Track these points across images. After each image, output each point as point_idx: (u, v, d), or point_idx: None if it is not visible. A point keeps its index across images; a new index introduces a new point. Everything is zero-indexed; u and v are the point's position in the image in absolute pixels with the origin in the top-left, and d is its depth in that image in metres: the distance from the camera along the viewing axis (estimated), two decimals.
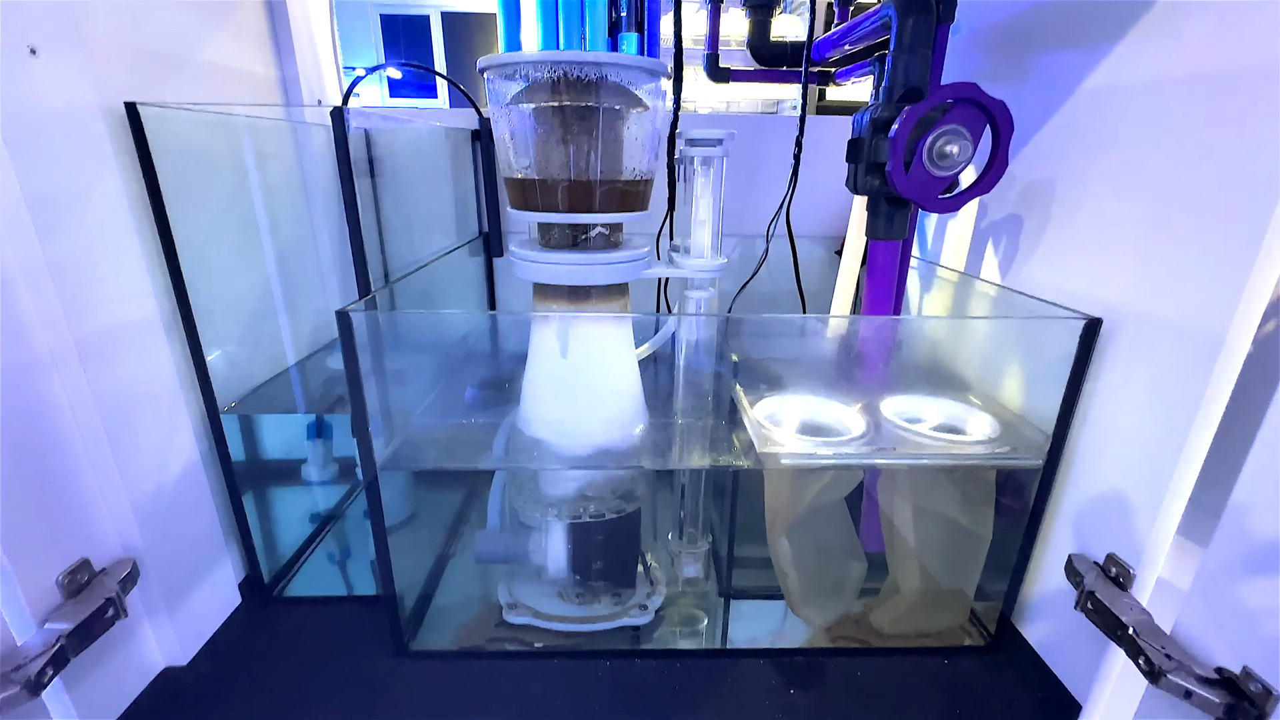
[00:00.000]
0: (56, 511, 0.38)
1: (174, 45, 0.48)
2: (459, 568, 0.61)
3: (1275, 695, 0.31)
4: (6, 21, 0.33)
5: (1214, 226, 0.35)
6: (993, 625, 0.51)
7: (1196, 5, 0.37)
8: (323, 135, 0.69)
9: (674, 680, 0.48)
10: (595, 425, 0.49)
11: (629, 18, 0.55)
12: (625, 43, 0.55)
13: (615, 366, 0.49)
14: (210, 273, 0.49)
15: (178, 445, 0.47)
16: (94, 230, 0.39)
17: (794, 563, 0.52)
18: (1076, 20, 0.47)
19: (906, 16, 0.46)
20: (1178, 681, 0.34)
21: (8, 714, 0.32)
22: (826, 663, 0.50)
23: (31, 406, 0.36)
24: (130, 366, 0.42)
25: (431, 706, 0.45)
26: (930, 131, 0.42)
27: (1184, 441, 0.36)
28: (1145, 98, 0.40)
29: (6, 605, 0.34)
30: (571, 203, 0.44)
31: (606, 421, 0.49)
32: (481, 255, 0.82)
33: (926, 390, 0.54)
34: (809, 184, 0.68)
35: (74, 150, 0.38)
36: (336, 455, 0.73)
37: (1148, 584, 0.40)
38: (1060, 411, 0.44)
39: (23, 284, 0.35)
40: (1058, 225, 0.48)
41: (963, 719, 0.45)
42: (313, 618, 0.54)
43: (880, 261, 0.52)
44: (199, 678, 0.47)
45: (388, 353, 0.47)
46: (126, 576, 0.41)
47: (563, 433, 0.49)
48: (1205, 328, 0.35)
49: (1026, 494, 0.47)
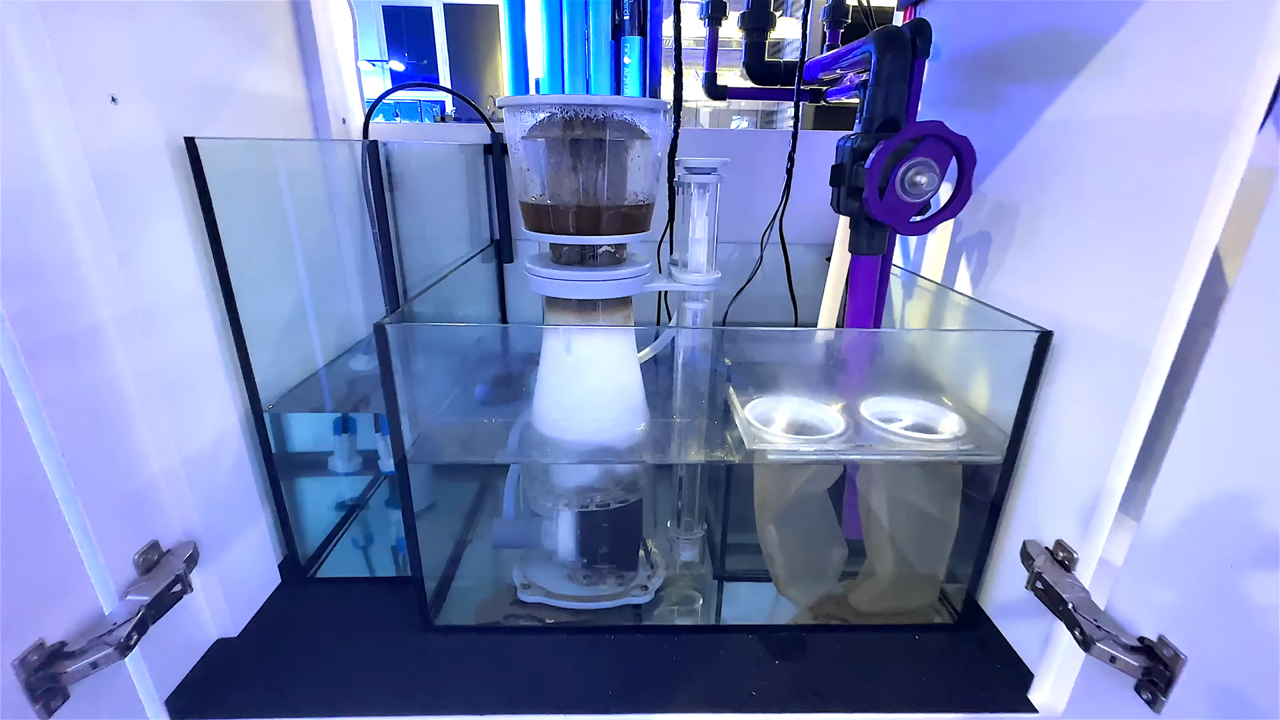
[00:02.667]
0: (131, 499, 0.43)
1: (220, 77, 0.53)
2: (476, 552, 0.67)
3: (1183, 659, 0.36)
4: (93, 76, 0.38)
5: (1145, 253, 0.40)
6: (959, 604, 0.57)
7: (1134, 53, 0.41)
8: (345, 150, 0.74)
9: (672, 653, 0.54)
10: (601, 423, 0.54)
11: (632, 21, 0.59)
12: (629, 46, 0.59)
13: (619, 371, 0.54)
14: (253, 285, 0.54)
15: (228, 441, 0.52)
16: (162, 251, 0.44)
17: (780, 548, 0.58)
18: (1038, 57, 0.51)
19: (884, 54, 0.50)
20: (1105, 649, 0.39)
21: (103, 669, 0.38)
22: (809, 638, 0.55)
23: (110, 406, 0.42)
24: (191, 370, 0.47)
25: (455, 675, 0.51)
26: (902, 163, 0.47)
27: (1118, 442, 0.42)
28: (1094, 133, 0.45)
29: (96, 579, 0.40)
30: (580, 226, 0.49)
31: (611, 420, 0.55)
32: (493, 261, 0.87)
33: (903, 392, 0.59)
34: (802, 195, 0.73)
35: (145, 181, 0.43)
36: (360, 449, 0.79)
37: (1089, 566, 0.45)
38: (1017, 413, 0.49)
39: (104, 303, 0.41)
40: (1020, 244, 0.53)
41: (931, 689, 0.51)
42: (344, 596, 0.59)
43: (861, 274, 0.57)
44: (248, 647, 0.53)
45: (413, 357, 0.52)
46: (189, 557, 0.47)
47: (572, 430, 0.54)
48: (1136, 342, 0.40)
49: (989, 487, 0.52)
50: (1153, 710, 0.38)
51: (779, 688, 0.50)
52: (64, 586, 0.38)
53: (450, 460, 0.59)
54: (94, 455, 0.40)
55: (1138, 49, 0.41)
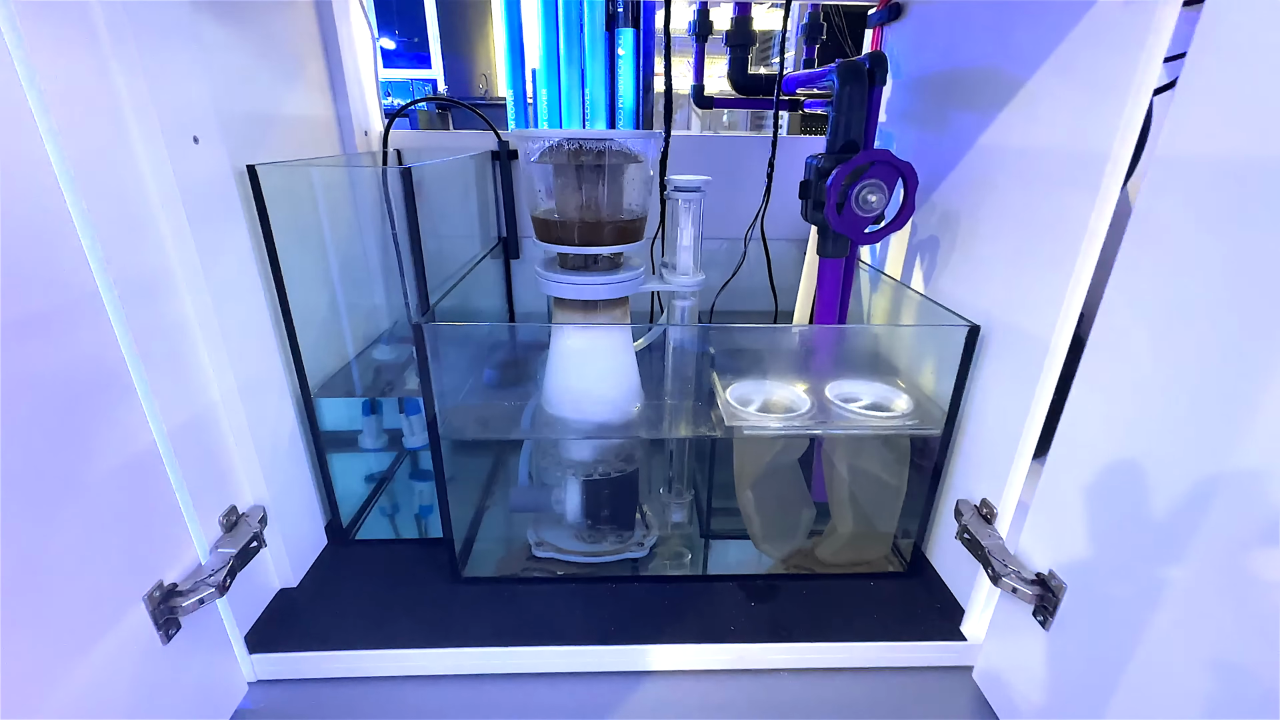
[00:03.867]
0: (215, 470, 0.52)
1: (267, 107, 0.61)
2: (493, 516, 0.76)
3: (1065, 587, 0.46)
4: (180, 122, 0.46)
5: (1046, 263, 0.49)
6: (908, 555, 0.67)
7: (1041, 96, 0.50)
8: (368, 158, 0.82)
9: (665, 599, 0.63)
10: (602, 404, 0.63)
11: (625, 14, 0.66)
12: (621, 38, 0.65)
13: (617, 359, 0.63)
14: (300, 287, 0.62)
15: (285, 422, 0.61)
16: (233, 262, 0.53)
17: (756, 510, 0.68)
18: (976, 88, 0.59)
19: (845, 85, 0.58)
20: (1009, 582, 0.49)
21: (206, 605, 0.47)
22: (781, 585, 0.65)
23: (197, 392, 0.50)
24: (256, 362, 0.56)
25: (481, 616, 0.61)
26: (857, 183, 0.56)
27: (1026, 419, 0.51)
28: (1014, 159, 0.53)
29: (194, 535, 0.49)
30: (583, 238, 0.57)
31: (611, 401, 0.64)
32: (501, 258, 0.95)
33: (863, 376, 0.68)
34: (782, 194, 0.80)
35: (219, 203, 0.51)
36: (385, 428, 0.88)
37: (1006, 519, 0.55)
38: (953, 394, 0.58)
39: (192, 310, 0.49)
40: (962, 249, 0.62)
41: (881, 624, 0.61)
42: (383, 554, 0.69)
43: (827, 274, 0.66)
44: (306, 596, 0.62)
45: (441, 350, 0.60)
46: (261, 518, 0.56)
47: (577, 410, 0.63)
48: (1039, 335, 0.49)
49: (932, 455, 0.62)
50: (1044, 629, 0.48)
51: (754, 625, 0.60)
52: (172, 540, 0.47)
53: (475, 437, 0.68)
54: (189, 433, 0.49)
55: (1044, 92, 0.49)
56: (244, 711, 0.54)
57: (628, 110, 1.81)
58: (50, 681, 0.36)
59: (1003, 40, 0.55)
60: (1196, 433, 0.36)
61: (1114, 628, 0.42)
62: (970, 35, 0.61)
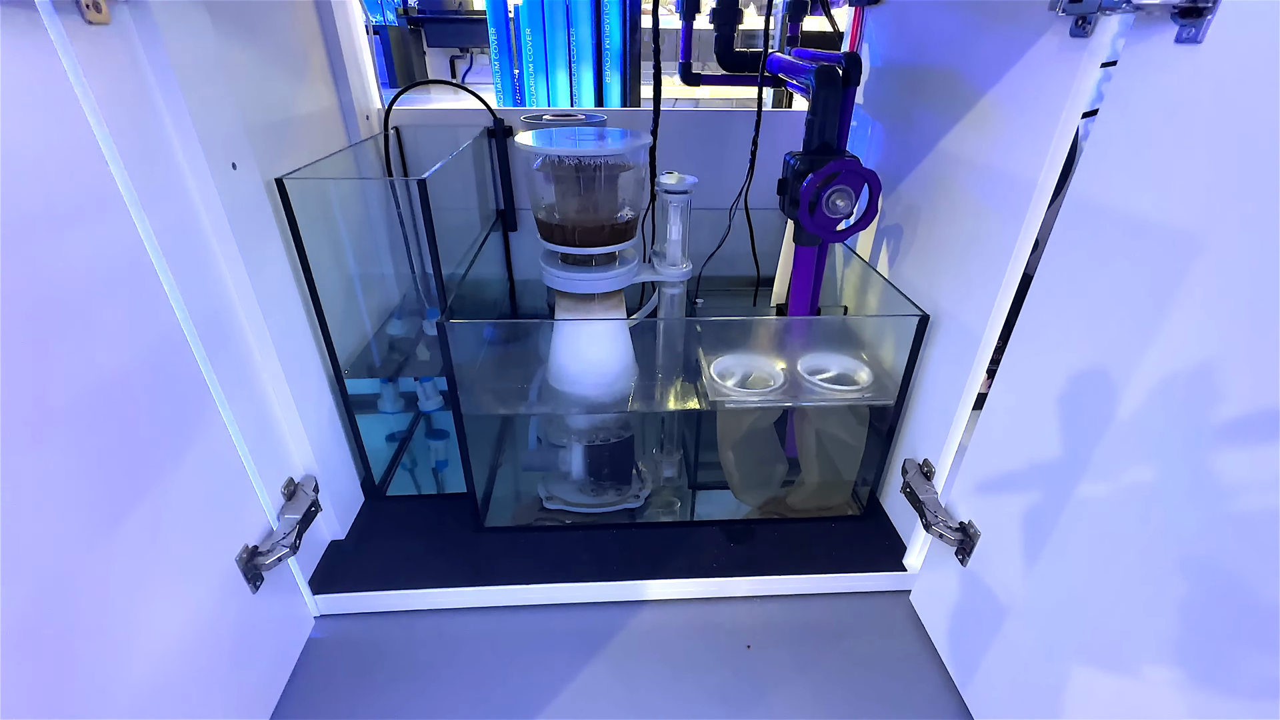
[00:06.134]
0: (273, 450, 0.61)
1: (284, 113, 0.65)
2: (506, 473, 0.87)
3: (979, 534, 0.57)
4: (224, 151, 0.52)
5: (983, 264, 0.57)
6: (865, 500, 0.78)
7: (991, 115, 0.56)
8: (371, 145, 0.86)
9: (659, 541, 0.75)
10: (602, 380, 0.72)
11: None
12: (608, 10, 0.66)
13: (614, 342, 0.71)
14: (326, 277, 0.69)
15: (324, 399, 0.69)
16: (273, 263, 0.59)
17: (736, 466, 0.78)
18: (938, 91, 0.64)
19: (820, 89, 0.63)
20: (937, 530, 0.60)
21: (282, 562, 0.57)
22: (757, 528, 0.77)
23: (254, 382, 0.58)
24: (298, 352, 0.64)
25: (502, 558, 0.72)
26: (827, 188, 0.62)
27: (961, 395, 0.61)
28: (965, 167, 0.60)
29: (265, 505, 0.58)
30: (583, 238, 0.64)
31: (609, 379, 0.72)
32: (499, 231, 1.01)
33: (833, 348, 0.77)
34: (767, 165, 0.86)
35: (258, 221, 0.57)
36: (401, 392, 0.96)
37: (942, 476, 0.65)
38: (904, 371, 0.67)
39: (243, 315, 0.56)
40: (920, 241, 0.69)
41: (839, 558, 0.73)
42: (412, 508, 0.79)
43: (801, 259, 0.73)
44: (352, 545, 0.73)
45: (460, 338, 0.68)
46: (314, 487, 0.65)
47: (580, 385, 0.72)
48: (974, 329, 0.58)
49: (888, 419, 0.72)
50: (963, 566, 0.60)
51: (734, 561, 0.72)
52: (249, 511, 0.57)
53: (491, 411, 0.77)
54: (253, 422, 0.57)
55: (993, 112, 0.55)
56: (315, 640, 0.66)
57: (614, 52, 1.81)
58: (180, 623, 0.47)
59: (965, 53, 0.60)
60: (1080, 421, 0.45)
61: (1010, 567, 0.53)
62: (939, 38, 0.65)
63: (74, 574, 0.38)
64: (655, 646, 0.66)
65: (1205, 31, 0.35)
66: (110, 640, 0.40)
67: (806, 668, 0.64)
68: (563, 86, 1.49)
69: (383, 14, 3.93)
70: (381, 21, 3.66)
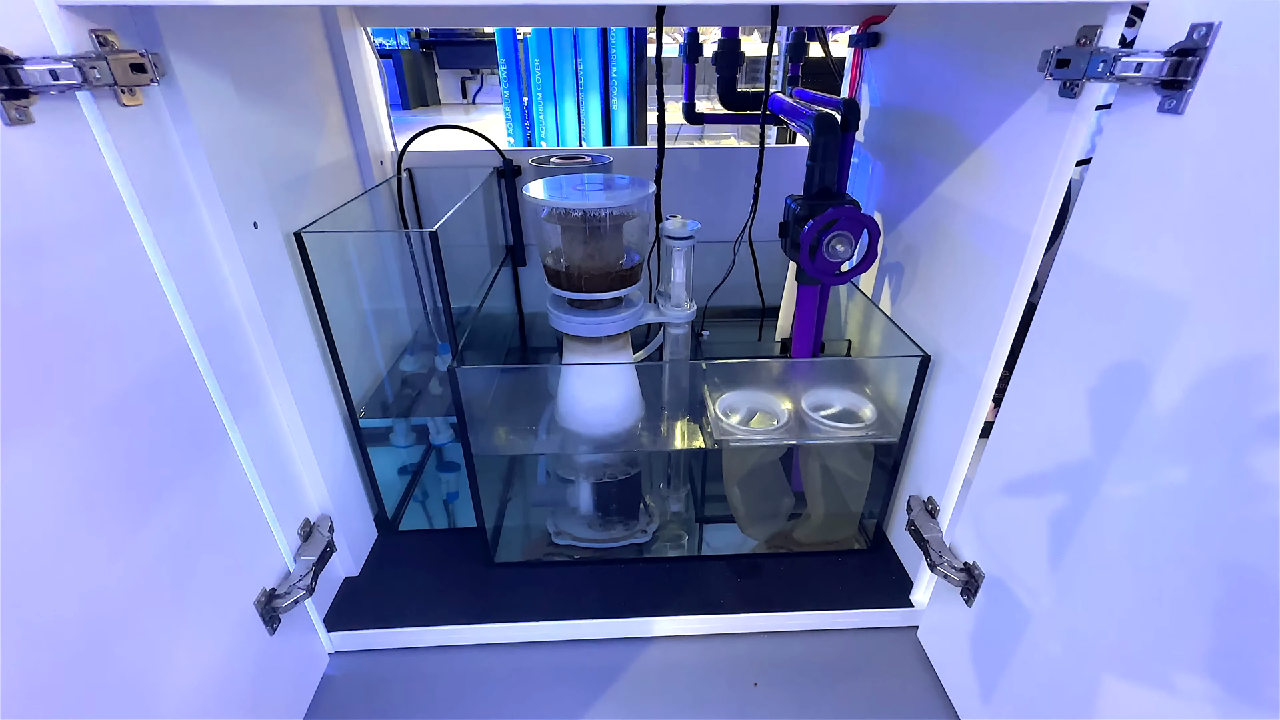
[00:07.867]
0: (290, 492, 0.63)
1: (302, 168, 0.68)
2: (516, 508, 0.88)
3: (984, 576, 0.58)
4: (245, 211, 0.54)
5: (982, 310, 0.58)
6: (872, 534, 0.79)
7: (987, 166, 0.57)
8: (385, 189, 0.89)
9: (666, 576, 0.76)
10: (609, 419, 0.74)
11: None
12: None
13: (620, 381, 0.72)
14: (341, 323, 0.71)
15: (339, 440, 0.71)
16: (291, 313, 0.61)
17: (742, 501, 0.79)
18: (935, 137, 0.66)
19: (820, 135, 0.65)
20: (942, 570, 0.61)
21: (298, 605, 0.59)
22: (763, 562, 0.78)
23: (272, 429, 0.60)
24: (313, 393, 0.66)
25: (512, 594, 0.73)
26: (827, 234, 0.64)
27: (963, 436, 0.61)
28: (965, 215, 0.61)
29: (283, 549, 0.60)
30: (589, 284, 0.65)
31: (616, 415, 0.74)
32: (509, 266, 1.03)
33: (837, 384, 0.78)
34: (770, 201, 0.87)
35: (277, 274, 0.59)
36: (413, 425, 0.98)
37: (947, 513, 0.66)
38: (907, 409, 0.68)
39: (258, 349, 0.58)
40: (922, 281, 0.70)
41: (846, 593, 0.73)
42: (426, 543, 0.81)
43: (804, 297, 0.75)
44: (366, 582, 0.75)
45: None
46: (329, 527, 0.67)
47: (588, 424, 0.73)
48: (974, 372, 0.59)
49: (892, 457, 0.73)
50: (968, 606, 0.60)
51: (741, 596, 0.73)
52: (267, 554, 0.58)
53: (502, 452, 0.78)
54: (270, 466, 0.59)
55: (989, 163, 0.57)
56: (329, 676, 0.67)
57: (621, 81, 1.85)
58: (200, 666, 0.48)
59: (960, 103, 0.61)
60: (1080, 465, 0.46)
61: (1014, 610, 0.54)
62: (936, 85, 0.67)
63: (95, 616, 0.39)
64: (663, 683, 0.66)
65: (1186, 104, 0.37)
66: (132, 685, 0.42)
67: (813, 706, 0.64)
68: (570, 115, 1.52)
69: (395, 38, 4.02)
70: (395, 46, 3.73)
